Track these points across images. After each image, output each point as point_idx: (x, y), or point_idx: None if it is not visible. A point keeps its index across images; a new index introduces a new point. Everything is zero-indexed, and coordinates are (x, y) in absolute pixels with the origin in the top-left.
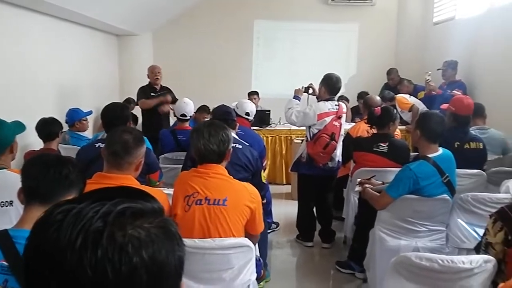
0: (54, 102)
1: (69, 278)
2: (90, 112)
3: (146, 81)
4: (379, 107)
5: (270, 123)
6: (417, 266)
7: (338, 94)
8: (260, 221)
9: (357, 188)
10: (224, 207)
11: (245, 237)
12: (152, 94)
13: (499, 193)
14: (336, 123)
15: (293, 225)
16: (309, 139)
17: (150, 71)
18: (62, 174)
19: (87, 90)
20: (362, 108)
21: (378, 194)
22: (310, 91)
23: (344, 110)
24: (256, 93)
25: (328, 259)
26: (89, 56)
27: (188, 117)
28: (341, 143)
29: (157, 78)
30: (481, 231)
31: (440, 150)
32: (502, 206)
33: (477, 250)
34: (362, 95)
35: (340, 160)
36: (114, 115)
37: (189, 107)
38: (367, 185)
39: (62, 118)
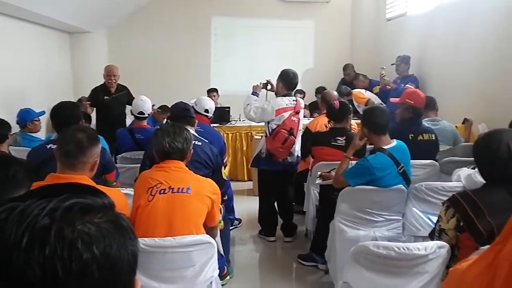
0: (1, 103)
1: (17, 278)
2: (42, 113)
3: (101, 80)
4: (337, 102)
5: (230, 120)
6: (375, 254)
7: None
8: (218, 213)
9: (318, 181)
10: (188, 194)
11: (205, 231)
12: (105, 97)
13: (451, 181)
14: (294, 118)
15: (255, 221)
16: (268, 134)
17: (106, 73)
18: (8, 174)
19: (38, 90)
20: (320, 103)
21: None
22: (269, 87)
23: (302, 105)
24: (216, 90)
25: (290, 253)
26: (39, 55)
27: (146, 115)
28: (300, 138)
29: (112, 81)
30: (435, 219)
31: (394, 142)
32: (453, 194)
33: (431, 236)
34: (319, 90)
35: (299, 155)
36: (65, 114)
37: (146, 104)
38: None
39: (10, 119)
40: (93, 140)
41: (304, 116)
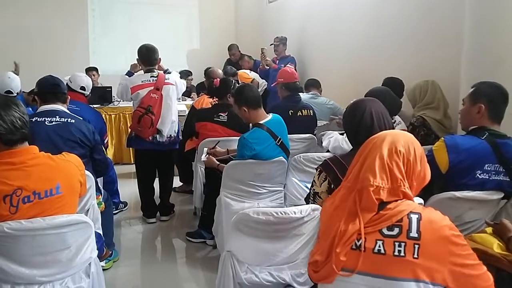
0: None
1: None
2: None
3: None
4: (218, 79)
5: (113, 100)
6: (255, 220)
7: (177, 72)
8: (86, 184)
9: (203, 158)
10: (59, 195)
11: None
12: None
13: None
14: (155, 95)
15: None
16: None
17: None
18: None
19: None
20: (206, 82)
21: (219, 163)
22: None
23: (168, 81)
24: (95, 69)
25: (179, 232)
26: None
27: (15, 94)
28: (169, 116)
29: None
30: None
31: (270, 116)
32: (325, 159)
33: (307, 200)
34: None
35: (175, 134)
36: None
37: (14, 82)
38: (211, 155)
39: None
40: None
41: (191, 98)
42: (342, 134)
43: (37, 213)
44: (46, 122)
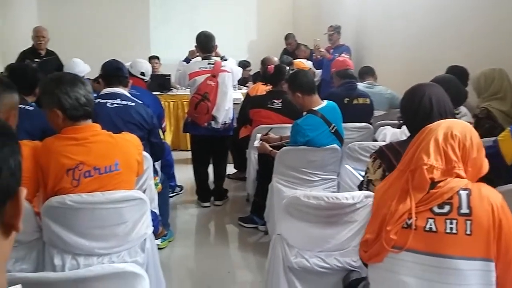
0: None
1: None
2: None
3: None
4: (272, 65)
5: (171, 88)
6: (306, 205)
7: (234, 60)
8: (143, 163)
9: (256, 144)
10: (118, 171)
11: None
12: (35, 59)
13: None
14: (211, 82)
15: None
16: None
17: (34, 34)
18: None
19: None
20: (261, 71)
21: (272, 149)
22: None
23: (224, 68)
24: (157, 57)
25: (231, 217)
26: None
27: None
28: (225, 103)
29: (41, 43)
30: None
31: (325, 102)
32: (380, 146)
33: (360, 188)
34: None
35: (230, 121)
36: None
37: (79, 67)
38: (264, 141)
39: None
40: (4, 87)
41: (247, 86)
42: (399, 127)
43: (96, 188)
44: (108, 104)
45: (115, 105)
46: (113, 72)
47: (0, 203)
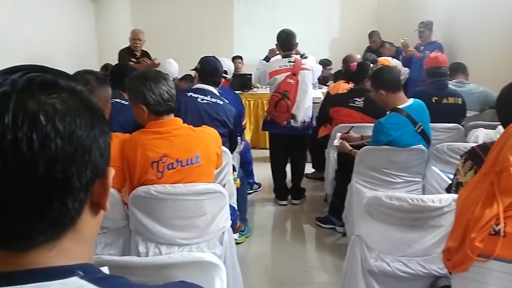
0: None
1: None
2: None
3: (124, 46)
4: (355, 63)
5: (252, 87)
6: (387, 206)
7: (314, 58)
8: (222, 156)
9: (336, 142)
10: (198, 164)
11: None
12: (132, 59)
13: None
14: (291, 80)
15: None
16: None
17: (132, 36)
18: None
19: (63, 59)
20: (343, 68)
21: (352, 149)
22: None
23: (304, 66)
24: (240, 57)
25: (309, 216)
26: (64, 23)
27: (172, 78)
28: (304, 101)
29: (137, 45)
30: None
31: (411, 100)
32: (472, 146)
33: (448, 191)
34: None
35: (309, 120)
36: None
37: (173, 68)
38: (344, 140)
39: None
40: (100, 82)
41: (327, 86)
42: (494, 128)
43: (178, 180)
44: (198, 99)
45: (205, 101)
46: (210, 72)
47: (89, 182)
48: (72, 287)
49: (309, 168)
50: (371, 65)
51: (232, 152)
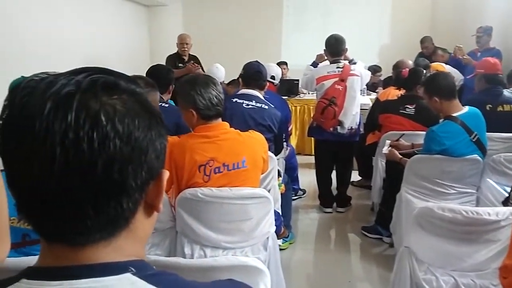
0: None
1: (37, 147)
2: None
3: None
4: (406, 69)
5: (299, 93)
6: (440, 217)
7: (363, 64)
8: (268, 161)
9: (385, 150)
10: (245, 168)
11: None
12: (180, 64)
13: None
14: (339, 87)
15: None
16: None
17: (179, 41)
18: None
19: (117, 61)
20: (394, 74)
21: (402, 157)
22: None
23: (353, 72)
24: (285, 63)
25: (354, 225)
26: (119, 27)
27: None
28: (352, 108)
29: (185, 49)
30: None
31: (466, 108)
32: None
33: (505, 204)
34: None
35: (356, 126)
36: (159, 75)
37: (220, 72)
38: (393, 148)
39: None
40: (150, 86)
41: (376, 92)
42: None
43: (225, 183)
44: (243, 105)
45: (250, 106)
46: (253, 75)
47: (144, 183)
48: (125, 283)
49: (355, 176)
50: (424, 71)
51: (276, 156)
